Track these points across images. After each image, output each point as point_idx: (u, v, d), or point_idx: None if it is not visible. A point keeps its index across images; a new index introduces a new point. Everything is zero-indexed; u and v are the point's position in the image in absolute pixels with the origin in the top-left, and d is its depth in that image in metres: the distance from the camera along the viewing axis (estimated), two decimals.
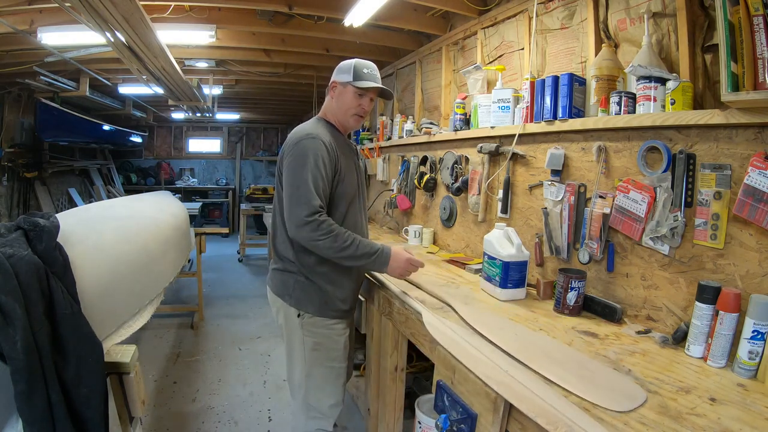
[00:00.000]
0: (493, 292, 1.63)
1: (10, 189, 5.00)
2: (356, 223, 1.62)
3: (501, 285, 1.60)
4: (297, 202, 1.42)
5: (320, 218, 1.41)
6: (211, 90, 4.78)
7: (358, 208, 1.65)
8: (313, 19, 2.98)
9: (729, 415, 0.88)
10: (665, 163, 1.28)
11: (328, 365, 1.59)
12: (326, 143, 1.48)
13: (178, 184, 8.63)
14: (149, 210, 2.48)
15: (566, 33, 1.80)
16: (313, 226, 1.40)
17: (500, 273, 1.60)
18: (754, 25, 0.99)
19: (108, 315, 1.48)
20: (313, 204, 1.40)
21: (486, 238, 1.69)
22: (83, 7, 1.95)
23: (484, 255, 1.69)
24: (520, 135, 1.84)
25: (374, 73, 1.58)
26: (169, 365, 3.01)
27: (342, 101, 1.59)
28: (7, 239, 1.18)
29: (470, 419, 1.08)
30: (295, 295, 1.56)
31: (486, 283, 1.69)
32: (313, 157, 1.44)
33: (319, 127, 1.56)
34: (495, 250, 1.62)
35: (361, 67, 1.56)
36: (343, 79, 1.57)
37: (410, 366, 2.40)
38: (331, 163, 1.48)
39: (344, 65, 1.58)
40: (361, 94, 1.57)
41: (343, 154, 1.56)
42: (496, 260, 1.61)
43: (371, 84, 1.56)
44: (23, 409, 1.05)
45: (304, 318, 1.55)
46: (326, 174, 1.46)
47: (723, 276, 1.17)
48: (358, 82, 1.54)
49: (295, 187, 1.43)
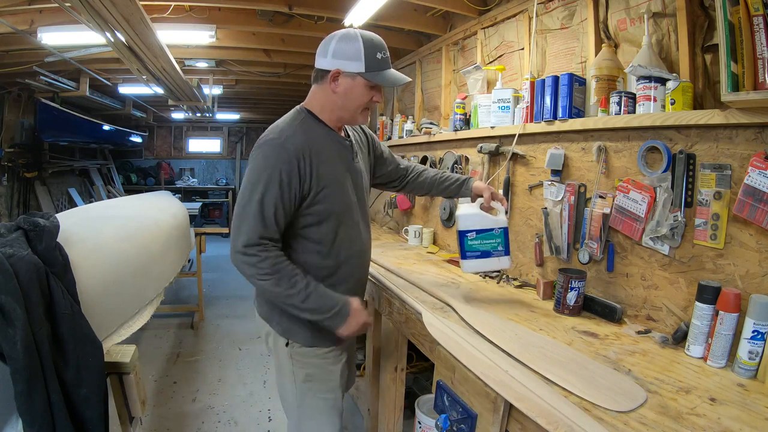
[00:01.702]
0: (498, 265, 1.53)
1: (10, 189, 5.00)
2: (352, 240, 1.34)
3: (506, 253, 1.52)
4: (238, 224, 1.17)
5: (261, 253, 1.15)
6: (211, 90, 4.78)
7: (355, 222, 1.35)
8: (313, 19, 2.98)
9: (729, 415, 0.88)
10: (665, 163, 1.28)
11: (321, 396, 1.36)
12: (297, 151, 1.18)
13: (178, 184, 8.63)
14: (149, 210, 2.48)
15: (566, 33, 1.80)
16: (251, 261, 1.16)
17: (503, 241, 1.50)
18: (754, 25, 0.99)
19: (108, 315, 1.48)
20: (253, 234, 1.15)
21: (462, 215, 1.52)
22: (83, 7, 1.95)
23: (467, 234, 1.51)
24: (520, 135, 1.84)
25: (387, 56, 1.25)
26: (169, 365, 3.01)
27: (351, 97, 1.25)
28: (7, 239, 1.18)
29: (470, 419, 1.08)
30: (282, 322, 1.32)
31: (481, 261, 1.53)
32: (269, 173, 1.16)
33: (297, 126, 1.25)
34: (487, 221, 1.50)
35: (374, 51, 1.21)
36: (352, 68, 1.21)
37: (410, 366, 2.41)
38: (300, 180, 1.19)
39: (350, 46, 1.21)
40: (373, 85, 1.26)
41: (329, 161, 1.26)
42: (493, 230, 1.50)
43: (394, 80, 1.25)
44: (23, 409, 1.06)
45: (293, 348, 1.33)
46: (288, 195, 1.18)
47: (723, 276, 1.17)
48: (374, 74, 1.22)
49: (241, 206, 1.19)
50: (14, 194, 5.06)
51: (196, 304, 3.93)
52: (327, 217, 1.26)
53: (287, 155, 1.17)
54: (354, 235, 1.35)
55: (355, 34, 1.21)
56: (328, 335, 1.31)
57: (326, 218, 1.26)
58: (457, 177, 1.61)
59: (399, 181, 1.65)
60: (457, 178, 1.60)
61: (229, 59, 4.02)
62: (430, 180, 1.64)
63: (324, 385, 1.36)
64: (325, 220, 1.26)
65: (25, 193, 5.21)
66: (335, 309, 1.22)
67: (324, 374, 1.36)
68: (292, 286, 1.17)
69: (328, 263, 1.30)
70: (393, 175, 1.63)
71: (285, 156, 1.17)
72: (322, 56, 1.25)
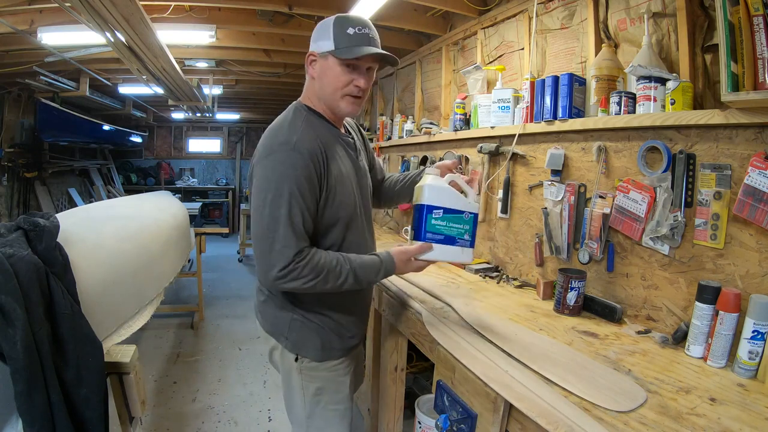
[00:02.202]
0: (461, 258, 1.28)
1: (10, 189, 5.00)
2: (360, 244, 1.26)
3: (471, 245, 1.28)
4: (268, 248, 1.07)
5: (300, 263, 1.08)
6: (211, 90, 4.78)
7: (361, 223, 1.27)
8: (313, 19, 2.98)
9: (729, 415, 0.88)
10: (665, 163, 1.28)
11: (332, 408, 1.31)
12: (311, 153, 1.09)
13: (178, 184, 8.62)
14: (149, 210, 2.48)
15: (566, 33, 1.80)
16: (294, 275, 1.08)
17: (470, 230, 1.26)
18: (754, 25, 0.99)
19: (108, 315, 1.48)
20: (290, 253, 1.06)
21: (429, 185, 1.24)
22: (83, 7, 1.95)
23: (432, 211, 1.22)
24: (520, 135, 1.84)
25: (365, 32, 1.12)
26: (169, 365, 3.01)
27: (326, 80, 1.15)
28: (7, 239, 1.18)
29: (470, 419, 1.08)
30: (291, 337, 1.25)
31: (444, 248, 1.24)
32: (289, 184, 1.06)
33: (300, 123, 1.15)
34: (458, 201, 1.25)
35: (345, 26, 1.10)
36: (322, 48, 1.12)
37: (410, 366, 2.40)
38: (315, 185, 1.11)
39: (321, 26, 1.13)
40: (352, 66, 1.13)
41: (337, 158, 1.18)
42: (463, 214, 1.25)
43: (363, 51, 1.09)
44: (23, 409, 1.06)
45: (302, 363, 1.26)
46: (311, 202, 1.10)
47: (723, 276, 1.17)
48: (342, 51, 1.10)
49: (265, 225, 1.08)
50: (14, 194, 5.06)
51: (196, 304, 3.93)
52: (334, 223, 1.18)
53: (303, 160, 1.08)
54: (362, 240, 1.27)
55: (331, 17, 1.13)
56: (337, 348, 1.28)
57: (333, 224, 1.18)
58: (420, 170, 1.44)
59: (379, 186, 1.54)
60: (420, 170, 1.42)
61: (229, 59, 4.02)
62: (394, 181, 1.52)
63: (334, 397, 1.31)
64: (332, 226, 1.19)
65: (25, 193, 5.21)
66: (381, 264, 1.18)
67: (334, 386, 1.31)
68: (339, 276, 1.12)
69: None
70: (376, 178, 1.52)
71: (301, 161, 1.08)
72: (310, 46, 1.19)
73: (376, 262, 1.19)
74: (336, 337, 1.27)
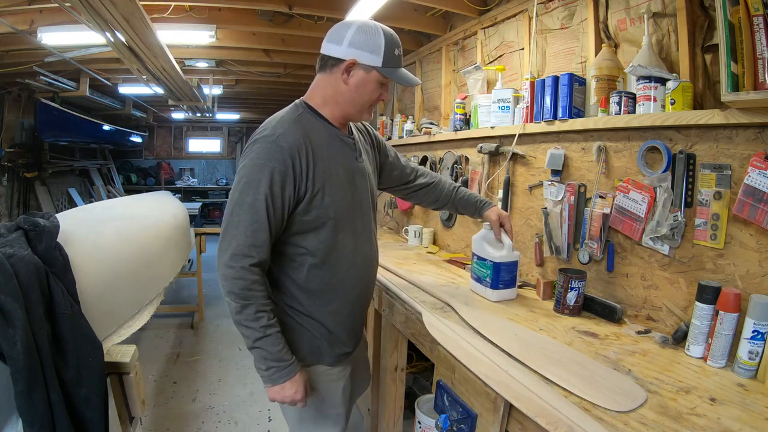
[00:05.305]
0: (484, 294, 1.61)
1: (10, 189, 5.00)
2: (353, 249, 1.22)
3: (492, 286, 1.57)
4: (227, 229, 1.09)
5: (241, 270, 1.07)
6: (211, 90, 4.78)
7: (356, 225, 1.23)
8: (313, 19, 2.98)
9: (729, 415, 0.88)
10: (665, 163, 1.28)
11: (323, 413, 1.29)
12: (292, 149, 1.09)
13: (178, 184, 8.63)
14: (149, 210, 2.48)
15: (566, 33, 1.80)
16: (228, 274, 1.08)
17: (491, 274, 1.57)
18: (754, 25, 0.99)
19: (108, 315, 1.48)
20: (242, 245, 1.07)
21: (475, 238, 1.64)
22: (83, 7, 1.95)
23: (474, 256, 1.65)
24: (520, 135, 1.84)
25: (401, 53, 1.20)
26: (169, 365, 3.01)
27: (362, 91, 1.17)
28: (7, 239, 1.18)
29: (470, 419, 1.08)
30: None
31: (476, 284, 1.66)
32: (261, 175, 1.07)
33: (293, 121, 1.15)
34: (485, 251, 1.59)
35: (392, 46, 1.14)
36: (368, 60, 1.13)
37: (410, 366, 2.40)
38: (296, 181, 1.10)
39: (368, 36, 1.12)
40: (384, 82, 1.19)
41: (328, 159, 1.16)
42: (486, 261, 1.58)
43: (411, 80, 1.22)
44: (23, 409, 1.06)
45: None
46: (281, 200, 1.09)
47: (723, 276, 1.17)
48: (390, 70, 1.15)
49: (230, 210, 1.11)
50: (14, 194, 5.06)
51: (196, 304, 3.93)
52: (323, 223, 1.16)
53: (281, 154, 1.07)
54: (355, 245, 1.23)
55: (375, 26, 1.14)
56: (328, 354, 1.25)
57: (322, 225, 1.16)
58: (477, 198, 1.58)
59: (405, 187, 1.57)
60: (478, 199, 1.58)
61: (229, 59, 4.02)
62: (446, 193, 1.59)
63: (326, 402, 1.28)
64: (320, 227, 1.16)
65: (25, 193, 5.21)
66: (281, 365, 1.10)
67: (326, 391, 1.27)
68: (254, 320, 1.07)
69: (322, 275, 1.19)
70: (399, 180, 1.54)
71: (279, 155, 1.07)
72: (335, 43, 1.15)
73: (285, 358, 1.12)
74: (325, 343, 1.24)
